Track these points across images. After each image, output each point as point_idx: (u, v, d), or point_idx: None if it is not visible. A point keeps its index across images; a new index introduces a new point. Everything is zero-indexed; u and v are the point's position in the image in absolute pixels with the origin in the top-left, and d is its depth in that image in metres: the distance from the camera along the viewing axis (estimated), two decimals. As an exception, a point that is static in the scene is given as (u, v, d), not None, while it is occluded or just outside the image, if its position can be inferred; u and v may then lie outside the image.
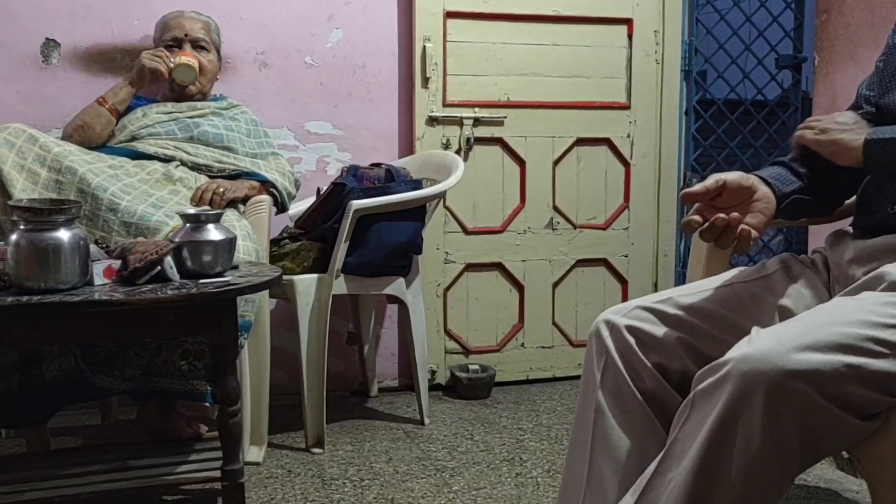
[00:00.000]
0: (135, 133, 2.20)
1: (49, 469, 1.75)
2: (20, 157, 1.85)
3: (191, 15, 2.40)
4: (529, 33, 2.92)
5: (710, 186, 1.17)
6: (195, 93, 2.34)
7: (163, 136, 2.21)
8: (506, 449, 2.32)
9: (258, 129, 2.43)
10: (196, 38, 2.35)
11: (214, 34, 2.44)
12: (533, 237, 3.01)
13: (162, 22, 2.40)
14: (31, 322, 1.52)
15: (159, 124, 2.23)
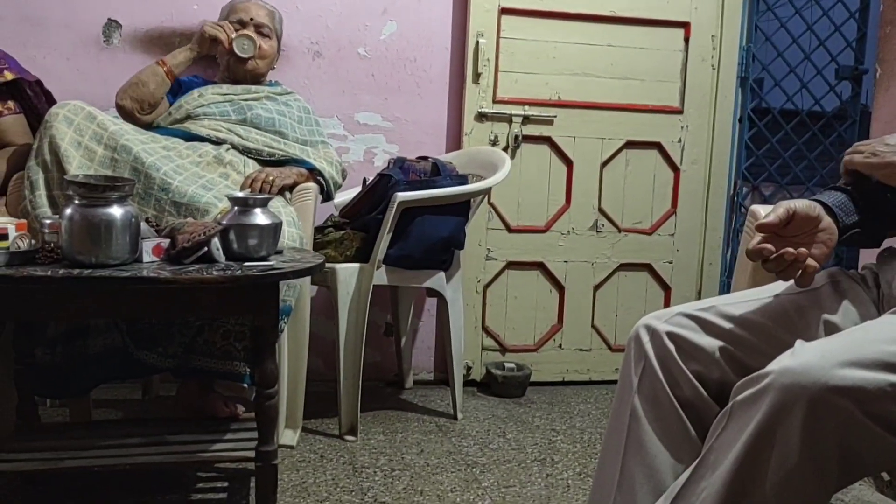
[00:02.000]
0: (190, 112, 2.24)
1: (90, 439, 1.79)
2: (78, 135, 1.90)
3: (257, 1, 2.45)
4: (584, 33, 2.90)
5: (781, 217, 1.15)
6: (252, 72, 2.38)
7: (217, 116, 2.25)
8: (537, 449, 2.31)
9: (310, 116, 2.45)
10: (260, 24, 2.39)
11: (277, 23, 2.48)
12: (576, 238, 2.99)
13: (229, 5, 2.45)
14: (80, 294, 1.56)
15: (214, 105, 2.27)
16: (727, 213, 3.11)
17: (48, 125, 1.88)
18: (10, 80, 2.10)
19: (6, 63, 2.12)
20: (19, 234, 1.54)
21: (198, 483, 1.96)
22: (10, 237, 1.52)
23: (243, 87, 2.36)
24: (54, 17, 2.53)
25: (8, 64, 2.12)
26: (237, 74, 2.38)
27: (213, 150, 2.13)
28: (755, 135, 3.14)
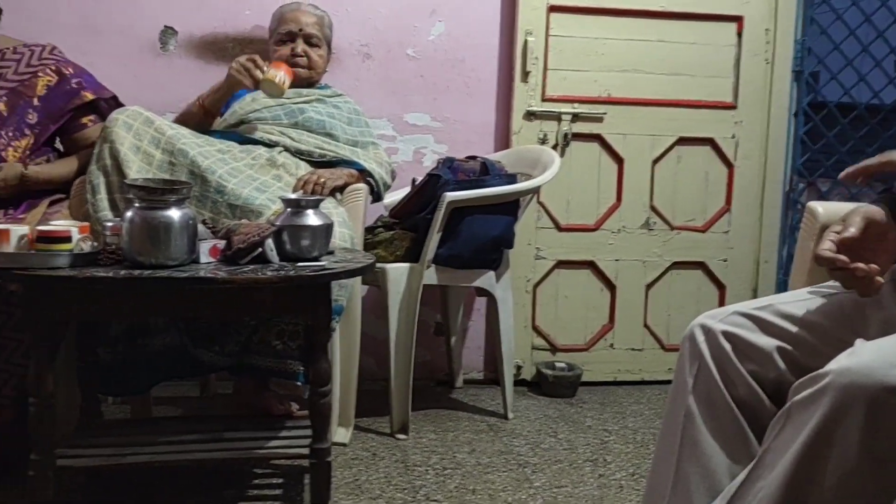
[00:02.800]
0: (243, 117, 2.29)
1: (150, 435, 1.84)
2: (136, 139, 1.95)
3: (307, 9, 2.47)
4: (633, 29, 2.87)
5: (861, 228, 1.13)
6: (304, 81, 2.41)
7: (269, 120, 2.29)
8: (590, 449, 2.30)
9: (359, 118, 2.48)
10: (309, 34, 2.42)
11: (327, 29, 2.50)
12: (627, 237, 2.96)
13: (279, 13, 2.47)
14: (141, 294, 1.61)
15: (266, 109, 2.30)
16: (783, 210, 3.05)
17: (108, 130, 1.94)
18: (88, 101, 2.18)
19: (85, 82, 2.19)
20: (82, 236, 1.59)
21: (254, 479, 2.00)
22: (74, 240, 1.57)
23: (294, 91, 2.39)
24: (113, 24, 2.61)
25: (86, 83, 2.19)
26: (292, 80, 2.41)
27: (266, 152, 2.17)
28: (811, 130, 3.06)
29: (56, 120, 2.14)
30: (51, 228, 1.57)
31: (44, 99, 2.12)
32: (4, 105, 2.07)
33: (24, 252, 1.55)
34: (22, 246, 1.55)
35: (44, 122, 2.12)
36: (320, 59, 2.45)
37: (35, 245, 1.55)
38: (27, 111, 2.09)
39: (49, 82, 2.14)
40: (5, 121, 2.07)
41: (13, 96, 2.08)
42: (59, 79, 2.15)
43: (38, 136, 2.11)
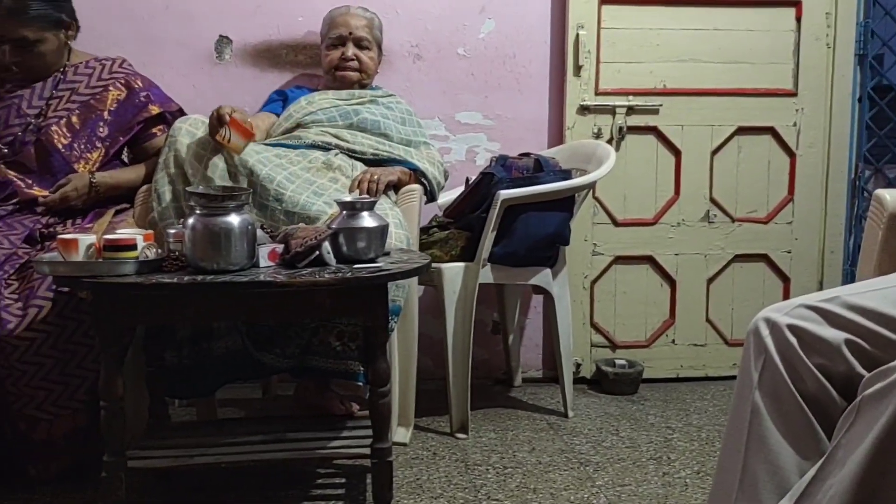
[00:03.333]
0: (300, 120, 2.32)
1: (216, 437, 1.89)
2: (200, 148, 2.00)
3: (356, 11, 2.49)
4: (688, 18, 2.82)
5: None
6: (357, 83, 2.46)
7: (325, 122, 2.32)
8: (653, 447, 2.26)
9: (412, 118, 2.50)
10: (359, 38, 2.45)
11: (377, 31, 2.52)
12: (687, 230, 2.91)
13: (329, 17, 2.51)
14: (204, 299, 1.65)
15: (322, 111, 2.34)
16: (848, 199, 2.95)
17: (172, 139, 2.00)
18: (155, 114, 2.25)
19: (153, 95, 2.26)
20: (147, 244, 1.64)
21: (317, 479, 2.03)
22: (139, 247, 1.61)
23: (348, 93, 2.43)
24: (171, 36, 2.67)
25: (153, 96, 2.27)
26: (343, 84, 2.46)
27: (321, 155, 2.20)
28: (876, 115, 2.96)
29: (125, 133, 2.21)
30: (117, 237, 1.62)
31: (114, 113, 2.19)
32: (77, 118, 2.14)
33: (92, 261, 1.60)
34: (90, 255, 1.61)
35: (114, 134, 2.19)
36: (371, 62, 2.48)
37: (102, 253, 1.60)
38: (98, 124, 2.17)
39: (119, 96, 2.21)
40: (78, 134, 2.14)
41: (85, 110, 2.16)
42: (129, 92, 2.22)
43: (108, 149, 2.19)
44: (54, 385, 1.88)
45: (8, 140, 2.10)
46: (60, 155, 2.11)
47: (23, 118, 2.12)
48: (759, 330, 1.17)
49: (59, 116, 2.13)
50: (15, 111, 2.12)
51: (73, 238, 1.61)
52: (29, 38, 2.10)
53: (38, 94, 2.15)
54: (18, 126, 2.11)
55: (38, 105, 2.14)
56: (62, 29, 2.17)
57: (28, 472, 1.92)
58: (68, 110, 2.14)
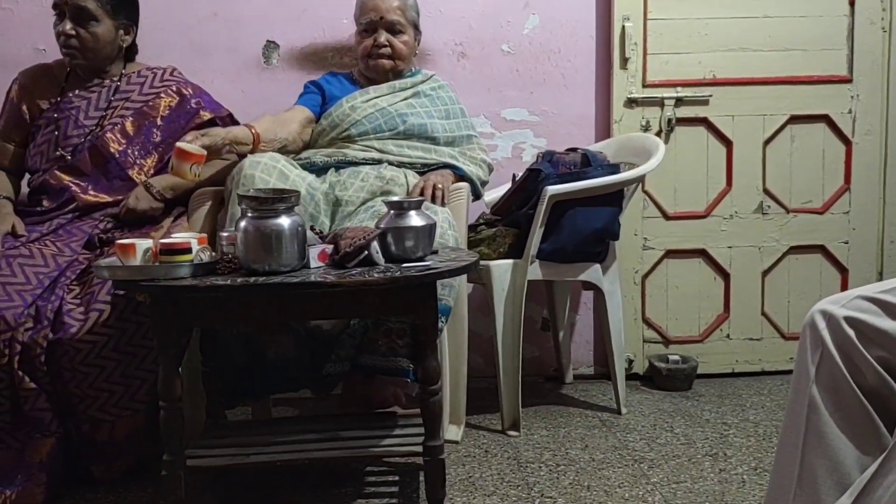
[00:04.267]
0: (345, 132, 2.28)
1: (271, 436, 1.92)
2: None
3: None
4: (737, 6, 2.76)
5: None
6: (391, 71, 2.38)
7: (370, 134, 2.28)
8: (708, 443, 2.23)
9: (455, 107, 2.43)
10: (390, 22, 2.34)
11: (412, 12, 2.41)
12: (740, 222, 2.85)
13: (360, 1, 2.41)
14: (257, 300, 1.68)
15: (366, 118, 2.29)
16: (910, 186, 2.86)
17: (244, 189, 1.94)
18: (206, 120, 2.30)
19: (203, 102, 2.32)
20: (201, 247, 1.68)
21: (370, 477, 2.05)
22: (194, 250, 1.65)
23: (387, 86, 2.37)
24: (219, 42, 2.73)
25: (204, 103, 2.32)
26: (377, 72, 2.39)
27: (372, 170, 2.19)
28: (939, 98, 2.86)
29: (179, 138, 2.25)
30: (172, 241, 1.66)
31: (166, 119, 2.25)
32: (131, 125, 2.20)
33: (149, 265, 1.64)
34: (147, 259, 1.65)
35: (167, 140, 2.24)
36: (405, 47, 2.38)
37: (159, 257, 1.64)
38: (152, 131, 2.22)
39: (171, 103, 2.26)
40: (132, 140, 2.20)
41: (139, 117, 2.22)
42: (180, 99, 2.28)
43: (162, 154, 2.24)
44: (116, 387, 1.94)
45: (68, 150, 2.16)
46: (115, 161, 2.17)
47: (81, 128, 2.18)
48: (816, 323, 1.15)
49: (113, 123, 2.19)
50: (73, 122, 2.18)
51: (131, 243, 1.65)
52: (89, 10, 2.16)
53: (95, 105, 2.21)
54: (77, 136, 2.17)
55: (95, 116, 2.20)
56: (121, 21, 2.23)
57: (91, 472, 1.98)
58: (122, 117, 2.20)
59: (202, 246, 1.68)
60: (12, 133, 2.25)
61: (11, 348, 1.85)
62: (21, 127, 2.25)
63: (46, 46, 2.60)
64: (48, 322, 1.88)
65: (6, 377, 1.86)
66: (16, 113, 2.24)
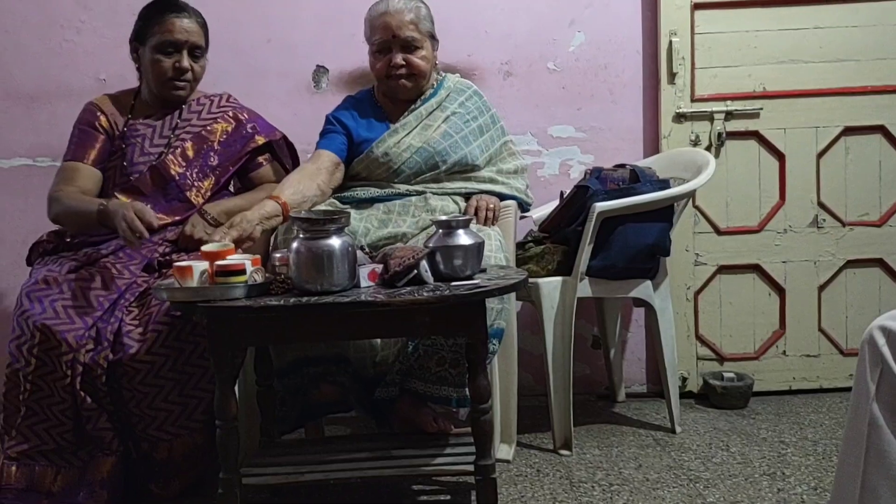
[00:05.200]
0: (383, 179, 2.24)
1: (324, 454, 1.94)
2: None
3: (397, 7, 2.20)
4: (786, 18, 2.73)
5: None
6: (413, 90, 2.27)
7: (411, 177, 2.23)
8: (766, 462, 2.18)
9: (485, 116, 2.33)
10: (405, 39, 2.19)
11: (426, 22, 2.24)
12: (795, 236, 2.80)
13: (368, 19, 2.26)
14: (309, 320, 1.71)
15: (405, 165, 2.21)
16: (974, 197, 2.77)
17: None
18: (261, 144, 2.35)
19: (258, 126, 2.37)
20: (255, 268, 1.71)
21: (421, 496, 2.05)
22: (248, 272, 1.69)
23: (415, 116, 2.26)
24: (272, 68, 2.79)
25: (259, 127, 2.37)
26: (398, 94, 2.28)
27: (417, 200, 2.20)
28: None
29: (235, 162, 2.32)
30: (228, 263, 1.70)
31: (223, 143, 2.31)
32: (191, 148, 2.27)
33: (206, 286, 1.68)
34: (203, 280, 1.69)
35: (224, 164, 2.31)
36: (423, 62, 2.22)
37: (214, 279, 1.68)
38: (210, 154, 2.29)
39: (227, 128, 2.32)
40: (191, 163, 2.26)
41: (198, 141, 2.28)
42: (236, 124, 2.34)
43: (218, 177, 2.30)
44: (174, 406, 1.98)
45: (134, 177, 2.23)
46: (175, 183, 2.23)
47: (147, 155, 2.24)
48: (875, 339, 1.12)
49: (174, 147, 2.26)
50: (139, 150, 2.25)
51: (188, 265, 1.70)
52: (202, 47, 2.26)
53: (160, 133, 2.28)
54: (143, 163, 2.23)
55: (160, 143, 2.27)
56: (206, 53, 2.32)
57: (150, 489, 2.02)
58: (182, 141, 2.27)
59: (256, 267, 1.72)
60: (87, 153, 2.25)
61: (73, 369, 1.91)
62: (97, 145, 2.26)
63: (107, 76, 2.70)
64: (108, 343, 1.94)
65: (68, 397, 1.92)
66: (92, 135, 2.26)
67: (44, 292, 1.98)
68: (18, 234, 2.75)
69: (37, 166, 2.80)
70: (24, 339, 1.93)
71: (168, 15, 2.21)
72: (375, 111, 2.35)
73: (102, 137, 2.26)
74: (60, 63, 2.78)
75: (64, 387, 1.91)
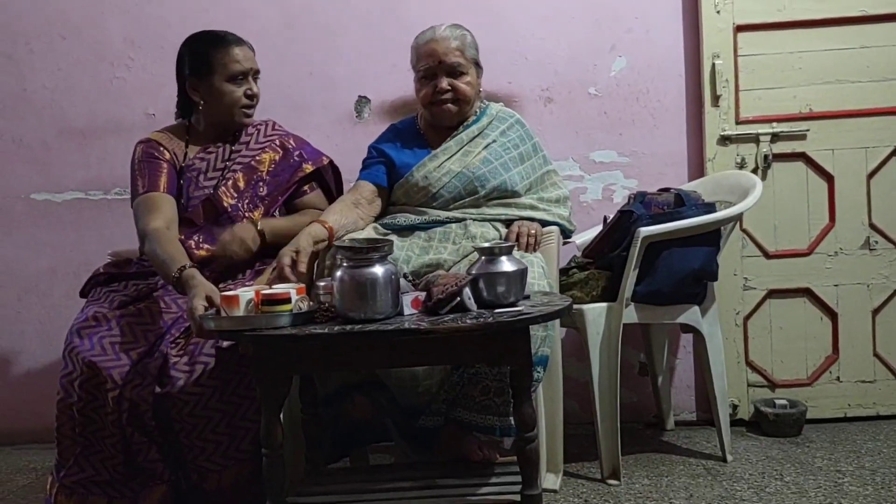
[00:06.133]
0: (422, 203, 2.26)
1: (369, 483, 1.94)
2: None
3: (443, 34, 2.25)
4: (831, 38, 2.69)
5: None
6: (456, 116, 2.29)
7: (450, 201, 2.24)
8: (822, 492, 2.11)
9: (527, 145, 2.34)
10: (451, 65, 2.23)
11: (471, 49, 2.28)
12: (846, 259, 2.73)
13: (415, 46, 2.31)
14: (354, 348, 1.71)
15: (444, 189, 2.24)
16: None
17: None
18: (309, 172, 2.39)
19: (305, 153, 2.40)
20: (299, 297, 1.73)
21: (468, 526, 2.03)
22: (293, 300, 1.70)
23: (456, 142, 2.29)
24: (314, 101, 2.84)
25: (306, 154, 2.40)
26: (442, 120, 2.30)
27: (458, 227, 2.20)
28: None
29: (283, 192, 2.35)
30: (273, 292, 1.71)
31: (272, 173, 2.34)
32: (242, 179, 2.30)
33: (252, 315, 1.70)
34: (249, 309, 1.71)
35: (273, 193, 2.34)
36: (468, 87, 2.26)
37: (260, 307, 1.69)
38: (259, 185, 2.32)
39: (275, 157, 2.35)
40: (242, 193, 2.30)
41: (248, 172, 2.32)
42: (283, 153, 2.36)
43: (268, 206, 2.33)
44: (222, 437, 2.00)
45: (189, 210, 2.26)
46: (227, 214, 2.26)
47: (201, 189, 2.28)
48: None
49: (226, 179, 2.29)
50: (195, 184, 2.28)
51: (234, 294, 1.72)
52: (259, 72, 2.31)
53: (213, 166, 2.31)
54: (197, 197, 2.27)
55: (214, 176, 2.30)
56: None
57: (201, 520, 2.04)
58: (234, 172, 2.30)
59: (300, 296, 1.73)
60: (160, 182, 2.24)
61: (120, 405, 1.93)
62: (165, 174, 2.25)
63: (156, 111, 2.77)
64: (153, 378, 1.96)
65: (118, 431, 1.94)
66: (158, 165, 2.26)
67: (92, 329, 2.02)
68: (71, 266, 2.83)
69: (89, 199, 2.88)
70: (73, 375, 1.97)
71: (230, 46, 2.25)
72: (418, 139, 2.38)
73: (168, 166, 2.27)
74: (110, 99, 2.87)
75: (112, 421, 1.94)
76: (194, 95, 2.28)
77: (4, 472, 2.65)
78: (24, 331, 2.90)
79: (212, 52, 2.25)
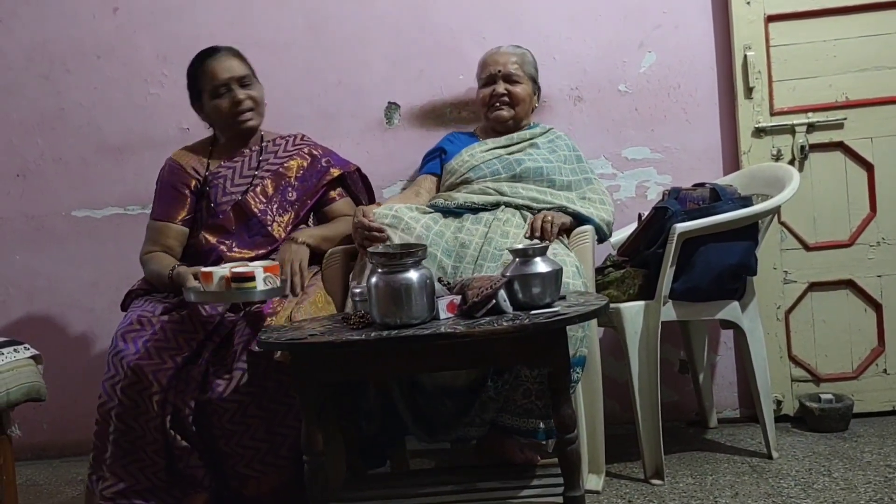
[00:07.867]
0: (463, 175, 2.36)
1: (410, 487, 1.94)
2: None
3: (506, 50, 2.51)
4: (867, 24, 2.64)
5: None
6: (511, 120, 2.46)
7: (488, 177, 2.34)
8: (871, 488, 2.06)
9: (571, 154, 2.46)
10: (508, 74, 2.45)
11: (530, 66, 2.51)
12: (889, 249, 2.67)
13: (482, 60, 2.55)
14: (391, 354, 1.72)
15: (484, 164, 2.37)
16: None
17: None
18: (336, 176, 2.43)
19: (333, 160, 2.45)
20: (266, 275, 1.92)
21: (510, 529, 2.02)
22: (258, 278, 1.90)
23: (506, 138, 2.45)
24: (344, 109, 2.86)
25: (333, 161, 2.46)
26: (498, 126, 2.48)
27: (490, 216, 2.22)
28: None
29: (312, 196, 2.40)
30: (241, 271, 1.91)
31: (300, 179, 2.39)
32: (270, 185, 2.35)
33: (222, 290, 1.93)
34: (220, 285, 1.93)
35: (301, 198, 2.38)
36: (523, 93, 2.46)
37: (230, 283, 1.91)
38: (288, 190, 2.37)
39: (303, 164, 2.41)
40: (271, 199, 2.35)
41: (276, 178, 2.37)
42: (311, 160, 2.43)
43: (297, 211, 2.38)
44: (261, 444, 2.02)
45: (220, 216, 2.31)
46: (257, 218, 2.32)
47: (228, 195, 2.33)
48: None
49: (255, 185, 2.34)
50: (221, 190, 2.34)
51: (209, 271, 1.94)
52: (248, 75, 2.35)
53: (240, 173, 2.37)
54: (226, 203, 2.32)
55: (241, 183, 2.35)
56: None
57: (242, 526, 2.06)
58: (262, 178, 2.36)
59: (267, 275, 1.93)
60: (172, 212, 2.34)
61: (164, 409, 1.97)
62: (181, 203, 2.34)
63: (190, 126, 2.81)
64: (196, 384, 1.99)
65: (160, 437, 1.98)
66: (177, 195, 2.34)
67: (137, 333, 2.06)
68: (112, 279, 2.87)
69: (127, 215, 2.93)
70: (117, 379, 2.00)
71: (205, 62, 2.34)
72: (472, 139, 2.54)
73: (188, 193, 2.34)
74: (145, 115, 2.92)
75: (156, 426, 1.97)
76: (202, 118, 2.42)
77: (53, 484, 2.70)
78: (68, 345, 2.96)
79: (197, 74, 2.36)
